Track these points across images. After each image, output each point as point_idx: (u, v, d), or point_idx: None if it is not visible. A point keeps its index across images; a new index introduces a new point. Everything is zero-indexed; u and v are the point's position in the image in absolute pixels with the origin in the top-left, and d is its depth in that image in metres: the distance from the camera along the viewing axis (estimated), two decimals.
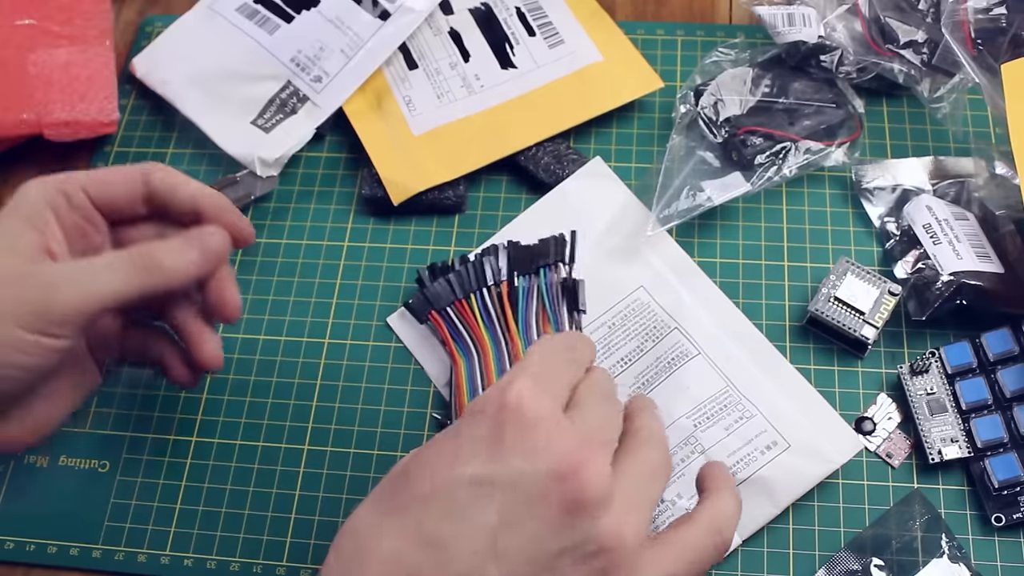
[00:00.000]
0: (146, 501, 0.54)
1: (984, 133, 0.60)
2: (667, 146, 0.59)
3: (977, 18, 0.56)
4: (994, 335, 0.53)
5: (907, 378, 0.53)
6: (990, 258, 0.54)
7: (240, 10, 0.66)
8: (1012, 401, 0.51)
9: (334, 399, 0.56)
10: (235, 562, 0.52)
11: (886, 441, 0.53)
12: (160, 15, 0.71)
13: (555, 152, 0.61)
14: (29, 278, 0.42)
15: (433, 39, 0.65)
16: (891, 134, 0.61)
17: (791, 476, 0.51)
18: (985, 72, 0.55)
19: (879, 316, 0.53)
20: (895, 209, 0.58)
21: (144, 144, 0.65)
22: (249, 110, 0.63)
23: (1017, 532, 0.50)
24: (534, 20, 0.65)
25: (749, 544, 0.51)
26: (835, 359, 0.55)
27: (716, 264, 0.58)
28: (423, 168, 0.61)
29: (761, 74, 0.60)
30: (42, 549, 0.53)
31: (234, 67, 0.64)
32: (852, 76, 0.60)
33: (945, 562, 0.49)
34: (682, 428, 0.52)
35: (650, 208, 0.57)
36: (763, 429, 0.52)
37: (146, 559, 0.53)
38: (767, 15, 0.60)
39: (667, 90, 0.63)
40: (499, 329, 0.54)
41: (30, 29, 0.65)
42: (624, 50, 0.65)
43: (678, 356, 0.54)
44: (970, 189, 0.57)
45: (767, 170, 0.57)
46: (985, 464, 0.50)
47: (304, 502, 0.54)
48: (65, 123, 0.63)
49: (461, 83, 0.64)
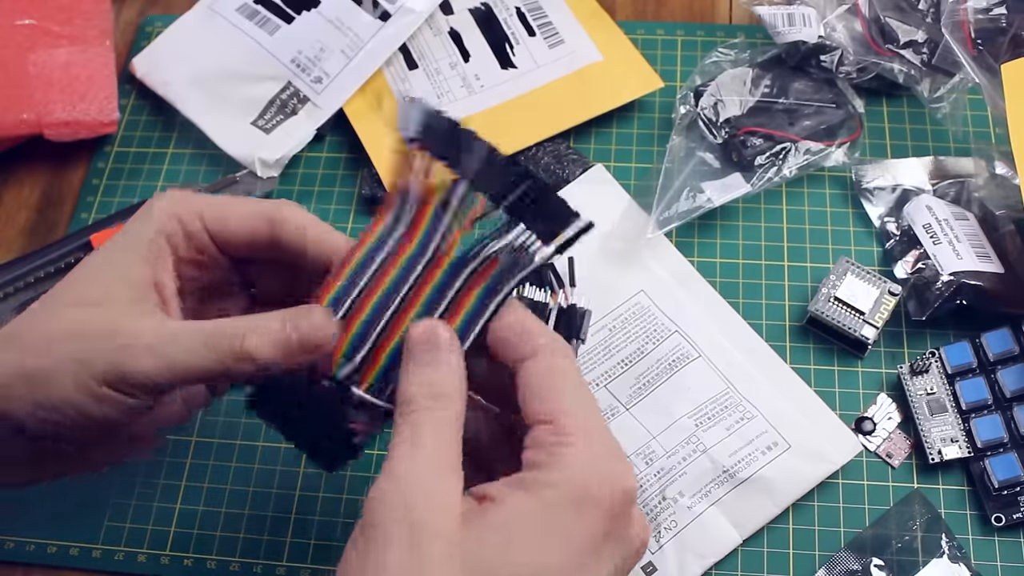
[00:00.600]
0: (146, 501, 0.54)
1: (984, 133, 0.60)
2: (667, 147, 0.59)
3: (977, 18, 0.56)
4: (994, 335, 0.53)
5: (907, 378, 0.53)
6: (990, 258, 0.54)
7: (240, 10, 0.66)
8: (1012, 401, 0.51)
9: None
10: (235, 562, 0.52)
11: (886, 441, 0.53)
12: (160, 15, 0.71)
13: (555, 152, 0.61)
14: (114, 336, 0.39)
15: (433, 39, 0.65)
16: (891, 134, 0.61)
17: (791, 476, 0.51)
18: (985, 72, 0.55)
19: (879, 316, 0.53)
20: (895, 209, 0.58)
21: (144, 144, 0.65)
22: (249, 111, 0.63)
23: (1017, 532, 0.50)
24: (534, 20, 0.65)
25: (749, 544, 0.51)
26: (835, 359, 0.55)
27: (716, 264, 0.58)
28: None
29: (761, 74, 0.60)
30: (42, 549, 0.53)
31: (234, 68, 0.64)
32: (852, 76, 0.60)
33: (945, 562, 0.49)
34: (684, 427, 0.52)
35: (650, 211, 0.57)
36: (764, 430, 0.52)
37: (146, 559, 0.53)
38: (767, 15, 0.60)
39: (667, 90, 0.63)
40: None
41: (30, 29, 0.65)
42: (624, 50, 0.65)
43: (679, 358, 0.54)
44: (970, 189, 0.57)
45: (767, 171, 0.57)
46: (985, 464, 0.50)
47: (304, 502, 0.54)
48: (65, 123, 0.63)
49: (461, 83, 0.64)
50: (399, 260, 0.41)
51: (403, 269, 0.41)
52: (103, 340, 0.39)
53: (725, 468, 0.51)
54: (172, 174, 0.64)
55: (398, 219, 0.42)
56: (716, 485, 0.51)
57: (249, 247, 0.44)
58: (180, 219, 0.42)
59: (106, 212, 0.62)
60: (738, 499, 0.50)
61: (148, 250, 0.41)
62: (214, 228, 0.43)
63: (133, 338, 0.39)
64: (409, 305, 0.41)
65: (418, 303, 0.40)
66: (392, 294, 0.41)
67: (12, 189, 0.65)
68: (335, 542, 0.52)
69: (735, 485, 0.51)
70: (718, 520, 0.50)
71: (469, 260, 0.40)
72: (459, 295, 0.40)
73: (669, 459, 0.51)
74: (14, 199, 0.64)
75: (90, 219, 0.62)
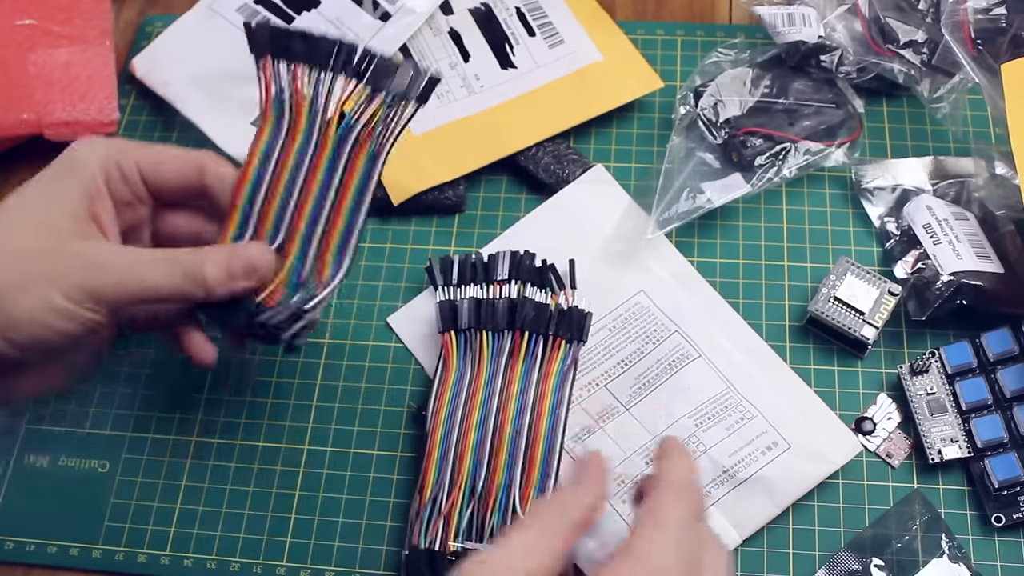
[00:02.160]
0: (146, 501, 0.54)
1: (984, 133, 0.60)
2: (667, 147, 0.59)
3: (977, 18, 0.56)
4: (994, 335, 0.53)
5: (907, 378, 0.53)
6: (990, 258, 0.54)
7: (240, 11, 0.66)
8: (1012, 401, 0.51)
9: (334, 399, 0.56)
10: (235, 562, 0.52)
11: (886, 441, 0.53)
12: (160, 15, 0.71)
13: (555, 152, 0.61)
14: (80, 255, 0.43)
15: (433, 39, 0.65)
16: (891, 134, 0.61)
17: (791, 476, 0.51)
18: (985, 72, 0.55)
19: (879, 316, 0.53)
20: (895, 209, 0.58)
21: None
22: (249, 111, 0.63)
23: (1017, 532, 0.50)
24: (534, 20, 0.65)
25: (749, 544, 0.51)
26: (835, 359, 0.55)
27: (716, 264, 0.58)
28: (423, 168, 0.61)
29: (761, 74, 0.60)
30: (42, 549, 0.53)
31: (234, 68, 0.64)
32: (852, 76, 0.60)
33: (945, 562, 0.49)
34: (684, 428, 0.52)
35: (650, 211, 0.57)
36: (764, 430, 0.52)
37: (146, 559, 0.53)
38: (767, 15, 0.60)
39: (667, 90, 0.63)
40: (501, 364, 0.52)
41: (30, 29, 0.65)
42: (624, 50, 0.65)
43: (679, 358, 0.54)
44: (970, 189, 0.57)
45: (767, 171, 0.57)
46: (985, 464, 0.50)
47: (304, 502, 0.54)
48: (65, 123, 0.63)
49: (461, 83, 0.64)
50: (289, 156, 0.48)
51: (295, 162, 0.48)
52: (73, 258, 0.43)
53: (725, 468, 0.51)
54: None
55: (278, 126, 0.49)
56: (716, 485, 0.51)
57: (179, 192, 0.48)
58: (119, 164, 0.46)
59: None
60: (738, 499, 0.51)
61: (89, 187, 0.45)
62: (149, 173, 0.47)
63: (100, 257, 0.43)
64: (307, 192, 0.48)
65: (314, 185, 0.48)
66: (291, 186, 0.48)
67: (12, 189, 0.64)
68: (335, 542, 0.52)
69: (735, 485, 0.51)
70: (718, 520, 0.50)
71: (348, 133, 0.47)
72: (348, 166, 0.48)
73: None
74: None
75: None
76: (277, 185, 0.48)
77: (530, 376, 0.52)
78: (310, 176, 0.48)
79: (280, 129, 0.48)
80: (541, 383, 0.51)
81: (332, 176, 0.48)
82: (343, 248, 0.47)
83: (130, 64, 0.67)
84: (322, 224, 0.47)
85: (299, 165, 0.48)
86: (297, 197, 0.48)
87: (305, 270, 0.47)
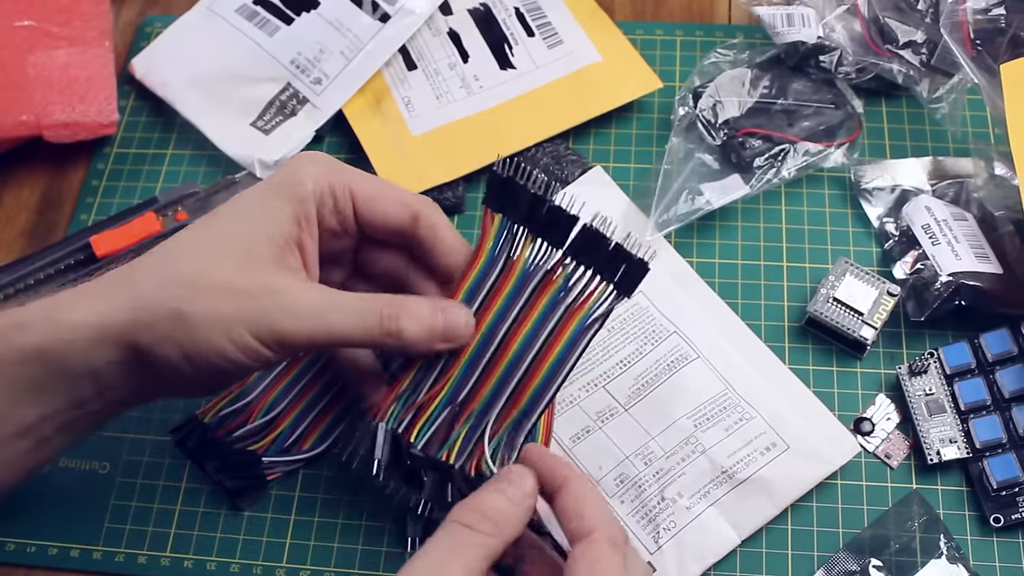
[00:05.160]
0: (146, 503, 0.54)
1: (983, 133, 0.60)
2: (666, 148, 0.59)
3: (976, 18, 0.56)
4: (993, 336, 0.53)
5: (906, 379, 0.53)
6: (989, 259, 0.54)
7: (240, 11, 0.66)
8: (1011, 402, 0.51)
9: None
10: (235, 563, 0.52)
11: (885, 442, 0.53)
12: (160, 16, 0.71)
13: (554, 153, 0.61)
14: (277, 296, 0.42)
15: (432, 40, 0.65)
16: (890, 134, 0.61)
17: (790, 477, 0.51)
18: (984, 72, 0.55)
19: (878, 317, 0.53)
20: (894, 210, 0.58)
21: (143, 145, 0.65)
22: (249, 112, 0.63)
23: (1016, 533, 0.50)
24: (533, 20, 0.65)
25: (748, 544, 0.51)
26: (834, 360, 0.55)
27: (715, 265, 0.58)
28: (422, 169, 0.61)
29: (760, 75, 0.60)
30: (43, 551, 0.53)
31: (234, 68, 0.64)
32: (851, 76, 0.60)
33: (943, 563, 0.49)
34: (682, 428, 0.52)
35: (649, 212, 0.57)
36: (762, 431, 0.52)
37: (146, 560, 0.53)
38: (766, 15, 0.60)
39: (666, 90, 0.63)
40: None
41: (29, 30, 0.65)
42: (623, 50, 0.65)
43: (677, 359, 0.54)
44: (969, 189, 0.57)
45: (766, 172, 0.57)
46: (984, 465, 0.51)
47: (304, 503, 0.54)
48: (64, 124, 0.63)
49: (460, 84, 0.64)
50: (499, 296, 0.47)
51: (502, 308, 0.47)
52: (265, 297, 0.41)
53: (724, 469, 0.51)
54: (172, 175, 0.64)
55: (493, 260, 0.48)
56: (715, 486, 0.51)
57: (387, 232, 0.46)
58: (334, 191, 0.44)
59: (105, 213, 0.62)
60: (737, 500, 0.51)
61: (299, 212, 0.43)
62: (362, 207, 0.45)
63: (295, 302, 0.41)
64: (509, 340, 0.47)
65: (521, 333, 0.47)
66: (496, 326, 0.47)
67: (12, 191, 0.65)
68: (335, 544, 0.52)
69: (734, 486, 0.51)
70: (717, 521, 0.50)
71: (559, 302, 0.47)
72: (556, 328, 0.47)
73: (668, 460, 0.51)
74: (14, 201, 0.64)
75: (90, 220, 0.62)
76: (486, 313, 0.47)
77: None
78: (515, 327, 0.47)
79: (494, 266, 0.48)
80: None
81: (539, 331, 0.47)
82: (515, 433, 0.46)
83: (129, 65, 0.67)
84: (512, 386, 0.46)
85: (506, 310, 0.47)
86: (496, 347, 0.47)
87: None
